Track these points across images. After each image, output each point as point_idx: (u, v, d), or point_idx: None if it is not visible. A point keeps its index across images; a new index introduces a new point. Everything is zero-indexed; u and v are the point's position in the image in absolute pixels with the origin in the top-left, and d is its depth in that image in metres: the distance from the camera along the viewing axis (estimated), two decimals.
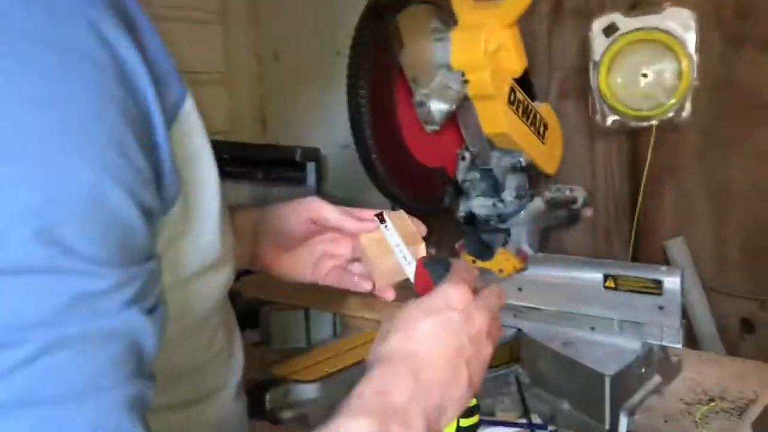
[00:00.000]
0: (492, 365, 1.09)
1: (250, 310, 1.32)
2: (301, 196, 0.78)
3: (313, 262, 0.81)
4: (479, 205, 1.29)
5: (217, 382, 0.65)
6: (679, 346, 1.01)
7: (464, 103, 1.11)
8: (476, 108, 1.11)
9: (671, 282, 0.98)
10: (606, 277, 1.04)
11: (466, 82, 1.08)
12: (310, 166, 1.85)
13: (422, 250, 0.75)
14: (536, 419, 0.98)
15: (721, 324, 1.61)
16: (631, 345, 1.03)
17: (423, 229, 0.77)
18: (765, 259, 1.56)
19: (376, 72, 1.06)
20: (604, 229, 1.75)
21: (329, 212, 0.76)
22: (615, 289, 1.03)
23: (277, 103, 2.11)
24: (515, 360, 1.12)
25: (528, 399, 1.03)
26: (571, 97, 1.66)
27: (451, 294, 0.59)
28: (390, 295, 0.77)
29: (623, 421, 0.95)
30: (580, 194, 1.53)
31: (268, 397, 0.89)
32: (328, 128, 1.85)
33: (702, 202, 1.65)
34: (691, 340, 1.61)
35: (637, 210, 1.61)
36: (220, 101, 2.04)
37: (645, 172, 1.60)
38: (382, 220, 0.78)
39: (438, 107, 1.10)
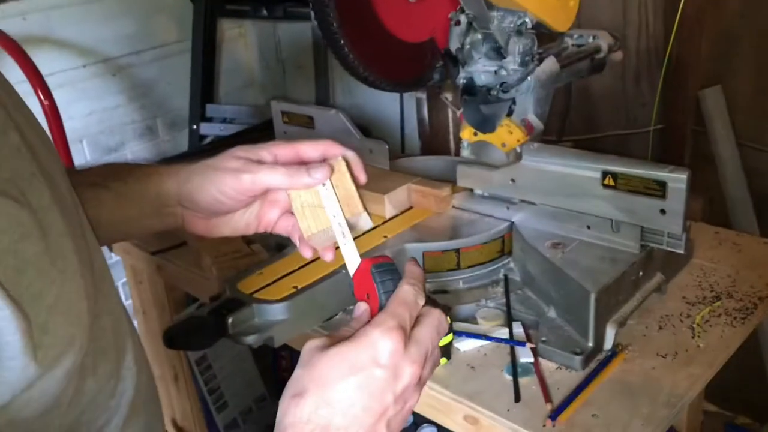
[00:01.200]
0: (480, 262, 1.04)
1: None
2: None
3: (256, 215, 0.74)
4: (480, 71, 1.14)
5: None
6: (682, 251, 0.91)
7: None
8: None
9: (676, 184, 0.87)
10: (605, 174, 0.92)
11: None
12: None
13: (363, 220, 0.66)
14: (519, 328, 0.93)
15: (754, 180, 1.48)
16: (629, 245, 0.94)
17: (363, 179, 0.68)
18: None
19: None
20: (634, 72, 1.58)
21: (276, 180, 0.68)
22: (614, 187, 0.92)
23: None
24: (507, 253, 1.05)
25: (513, 302, 0.97)
26: None
27: (381, 347, 0.52)
28: (329, 257, 0.70)
29: (609, 335, 0.88)
30: (605, 41, 1.35)
31: (230, 321, 0.85)
32: None
33: (744, 46, 1.44)
34: (719, 197, 1.49)
35: (667, 53, 1.43)
36: None
37: (680, 8, 1.39)
38: None
39: None
